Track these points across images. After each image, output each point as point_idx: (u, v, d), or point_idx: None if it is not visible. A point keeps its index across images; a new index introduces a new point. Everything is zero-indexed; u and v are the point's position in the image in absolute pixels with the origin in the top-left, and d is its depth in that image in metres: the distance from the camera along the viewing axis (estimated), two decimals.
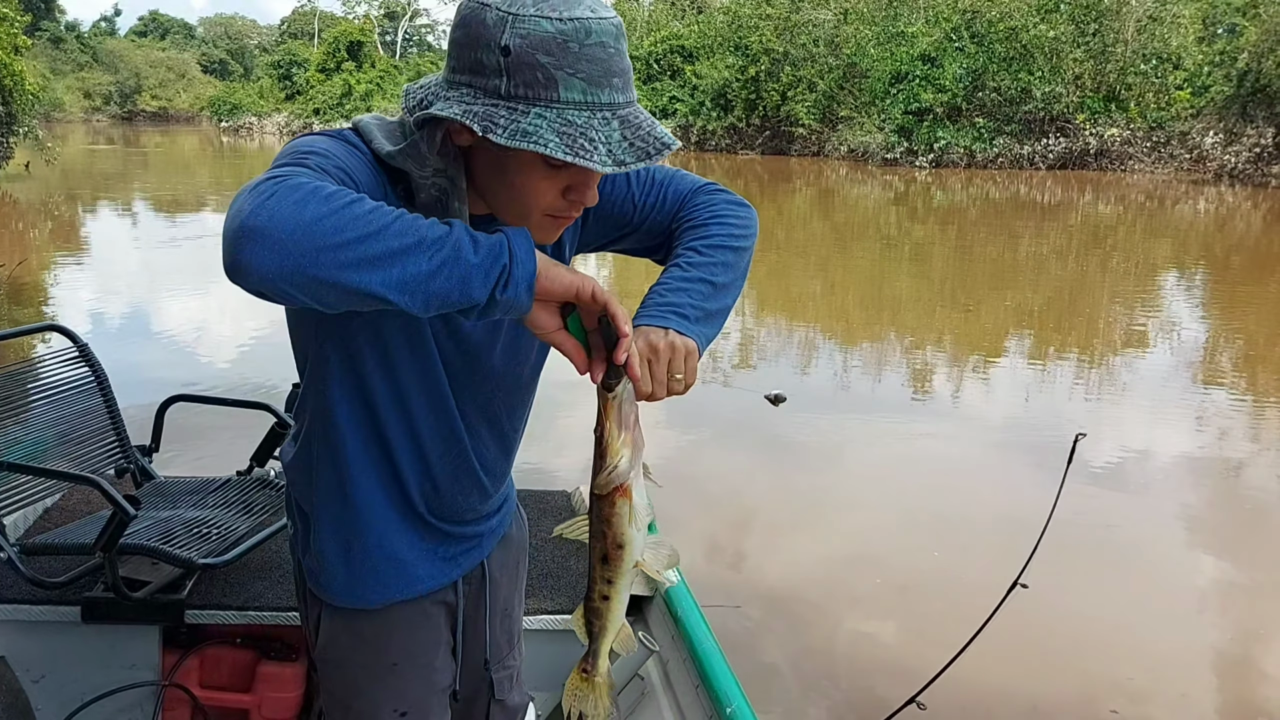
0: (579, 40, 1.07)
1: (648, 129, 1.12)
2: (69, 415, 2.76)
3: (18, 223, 16.56)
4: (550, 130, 1.07)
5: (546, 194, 1.17)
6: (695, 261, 1.35)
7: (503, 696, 1.77)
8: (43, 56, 62.39)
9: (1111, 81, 30.18)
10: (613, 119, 1.10)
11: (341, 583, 1.49)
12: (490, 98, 1.10)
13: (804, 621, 4.06)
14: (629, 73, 1.13)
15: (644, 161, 1.09)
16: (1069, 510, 5.20)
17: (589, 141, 1.07)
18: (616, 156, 1.08)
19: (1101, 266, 14.08)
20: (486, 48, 1.08)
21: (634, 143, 1.10)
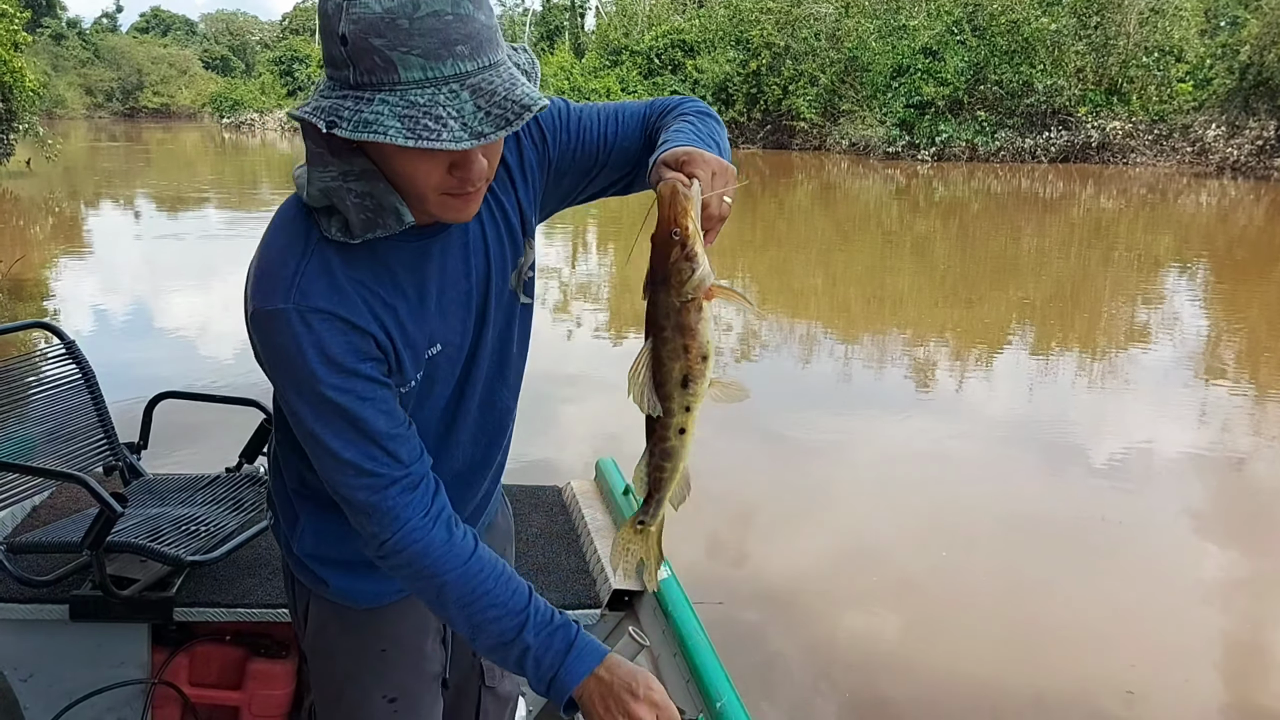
0: (408, 15, 1.02)
1: (505, 92, 1.05)
2: (56, 413, 2.75)
3: (18, 220, 16.56)
4: (392, 116, 1.03)
5: (431, 175, 1.12)
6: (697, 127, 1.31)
7: (493, 684, 1.79)
8: (44, 53, 62.42)
9: (1113, 74, 30.11)
10: (461, 90, 1.04)
11: (333, 587, 1.50)
12: (342, 89, 1.07)
13: (805, 617, 4.04)
14: (480, 35, 1.06)
15: (505, 129, 1.04)
16: (1074, 504, 5.21)
17: (434, 120, 1.03)
18: (472, 129, 1.04)
19: (1104, 260, 14.04)
20: (330, 38, 1.06)
21: (490, 111, 1.04)
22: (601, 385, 7.44)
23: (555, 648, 1.25)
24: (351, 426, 1.20)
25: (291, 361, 1.17)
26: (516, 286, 1.41)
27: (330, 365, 1.17)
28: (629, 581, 2.61)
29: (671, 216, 1.07)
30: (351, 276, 1.19)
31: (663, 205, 1.08)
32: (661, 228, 1.08)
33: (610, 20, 46.63)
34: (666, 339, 1.10)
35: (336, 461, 1.22)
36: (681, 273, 1.07)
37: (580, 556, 2.82)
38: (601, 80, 40.26)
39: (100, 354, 3.12)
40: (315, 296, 1.16)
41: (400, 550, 1.24)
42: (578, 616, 2.58)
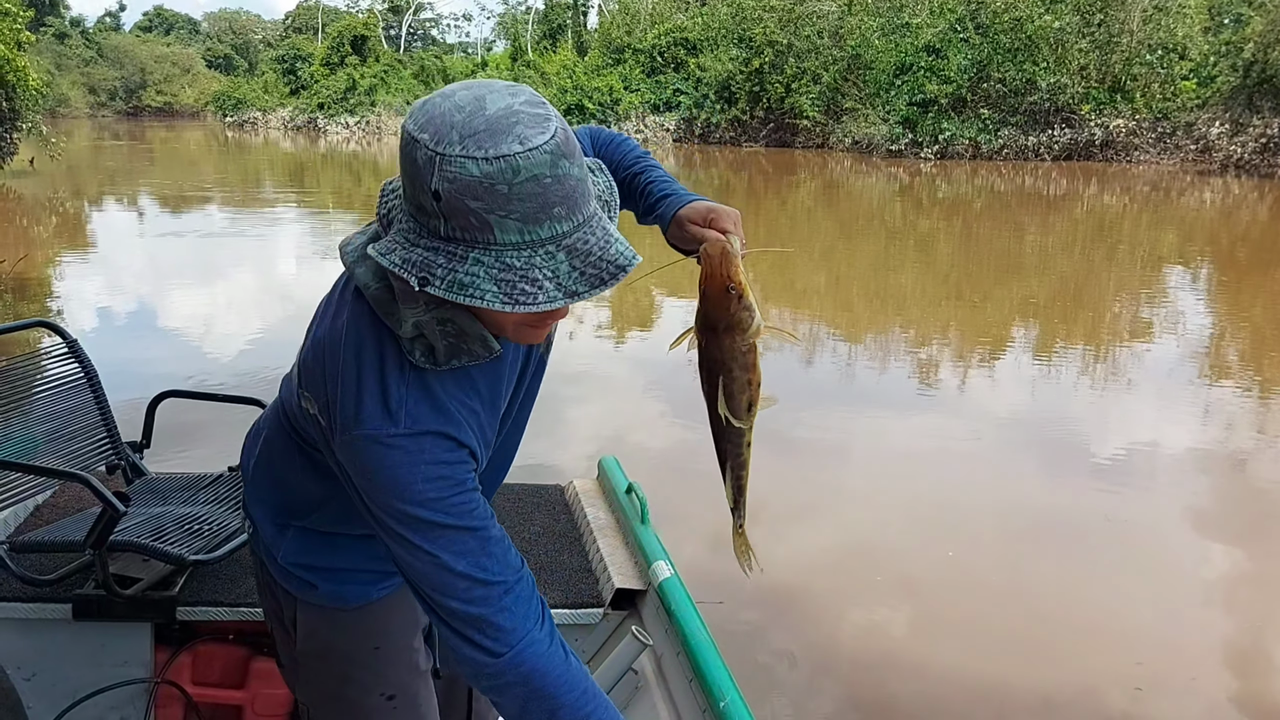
0: (507, 181, 1.00)
1: (599, 253, 1.06)
2: (59, 412, 2.75)
3: (21, 219, 16.58)
4: (488, 278, 1.04)
5: (511, 318, 1.15)
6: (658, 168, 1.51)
7: None
8: (47, 52, 62.50)
9: (1117, 72, 30.06)
10: (557, 251, 1.05)
11: (322, 589, 1.51)
12: (433, 238, 1.06)
13: (809, 616, 4.04)
14: (575, 193, 1.05)
15: (600, 288, 1.06)
16: (1079, 502, 5.21)
17: (530, 283, 1.04)
18: (567, 288, 1.05)
19: (1108, 258, 14.02)
20: (421, 189, 1.04)
21: (585, 271, 1.06)
22: (604, 384, 7.43)
23: None
24: (462, 538, 1.20)
25: (405, 484, 1.17)
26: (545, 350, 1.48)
27: (444, 482, 1.19)
28: (632, 580, 2.61)
29: (726, 274, 1.26)
30: (447, 393, 1.22)
31: (713, 263, 1.26)
32: (715, 283, 1.26)
33: (613, 18, 46.59)
34: (735, 376, 1.31)
35: (451, 574, 1.20)
36: (743, 322, 1.27)
37: (583, 555, 2.81)
38: (604, 78, 40.24)
39: (103, 352, 3.13)
40: (425, 419, 1.18)
41: (518, 665, 1.22)
42: (580, 616, 2.58)
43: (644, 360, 8.34)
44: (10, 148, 19.33)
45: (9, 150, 19.35)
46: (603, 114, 39.64)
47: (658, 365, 8.02)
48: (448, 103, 1.04)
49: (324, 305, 1.33)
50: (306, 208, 19.65)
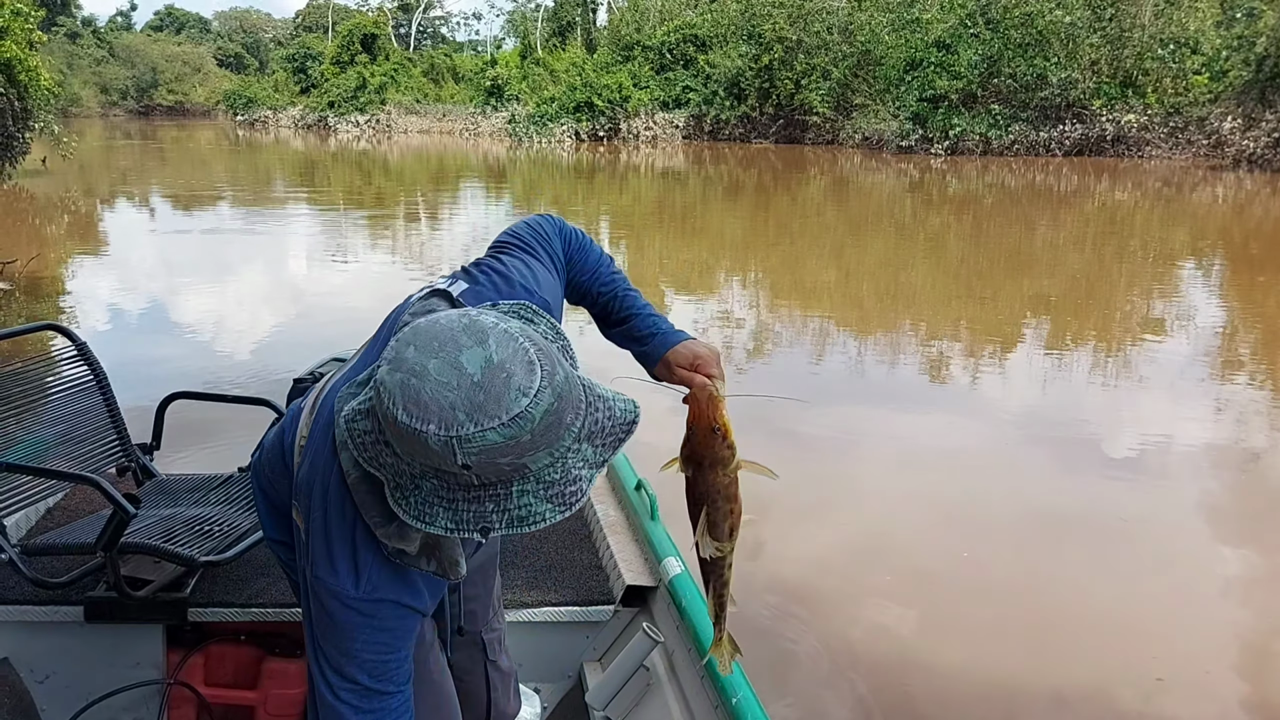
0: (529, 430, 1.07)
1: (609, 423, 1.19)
2: (69, 414, 2.76)
3: (34, 218, 16.65)
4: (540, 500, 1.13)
5: None
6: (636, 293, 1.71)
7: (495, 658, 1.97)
8: (59, 52, 62.74)
9: (1128, 67, 29.90)
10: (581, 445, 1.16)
11: None
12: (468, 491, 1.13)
13: (820, 613, 4.03)
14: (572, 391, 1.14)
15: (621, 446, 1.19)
16: (1091, 499, 5.18)
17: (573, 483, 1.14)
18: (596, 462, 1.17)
19: (1119, 254, 13.95)
20: (446, 463, 1.08)
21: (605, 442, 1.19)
22: (613, 380, 7.43)
23: None
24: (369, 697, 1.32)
25: (347, 640, 1.29)
26: None
27: (383, 647, 1.31)
28: (643, 576, 2.61)
29: (712, 417, 1.44)
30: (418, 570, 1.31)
31: (700, 406, 1.45)
32: (703, 423, 1.44)
33: (622, 15, 46.54)
34: (719, 506, 1.49)
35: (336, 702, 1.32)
36: (726, 459, 1.46)
37: (593, 553, 2.82)
38: (613, 75, 40.19)
39: (113, 352, 3.14)
40: (385, 589, 1.27)
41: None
42: (591, 613, 2.58)
43: None
44: (23, 147, 19.39)
45: (21, 150, 19.42)
46: (612, 111, 39.60)
47: None
48: (429, 383, 1.05)
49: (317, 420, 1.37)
50: (317, 206, 19.69)
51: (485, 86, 46.46)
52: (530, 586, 2.61)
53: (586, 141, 39.34)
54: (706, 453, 1.44)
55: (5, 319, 8.65)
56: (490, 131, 43.67)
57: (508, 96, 44.44)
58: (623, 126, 39.92)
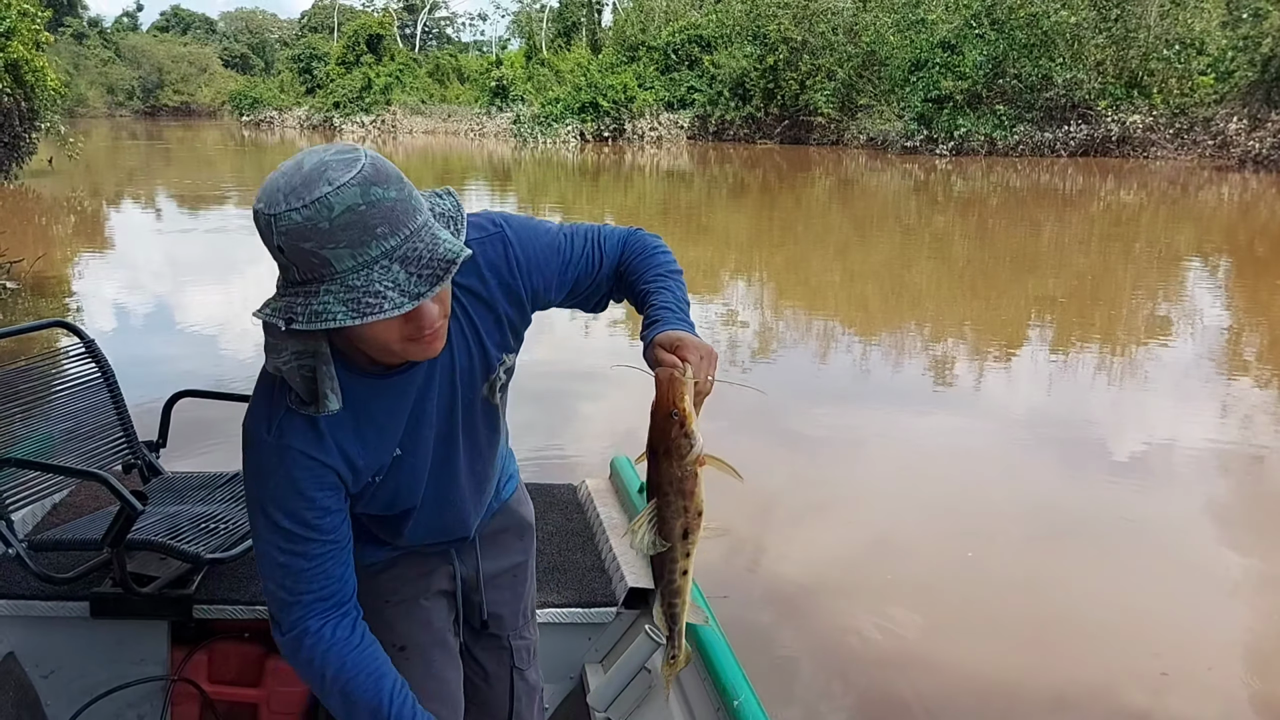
0: (327, 218, 1.16)
1: (429, 255, 1.20)
2: (76, 411, 2.78)
3: (40, 217, 16.71)
4: (337, 302, 1.18)
5: (390, 332, 1.27)
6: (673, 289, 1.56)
7: (523, 666, 1.94)
8: (65, 52, 62.88)
9: (1134, 67, 29.85)
10: (391, 264, 1.19)
11: None
12: (292, 287, 1.22)
13: (823, 615, 4.04)
14: (395, 211, 1.19)
15: (437, 285, 1.19)
16: (1095, 500, 5.18)
17: (374, 296, 1.18)
18: (410, 292, 1.18)
19: (1124, 255, 13.94)
20: (272, 248, 1.21)
21: (420, 273, 1.19)
22: (617, 382, 7.44)
23: None
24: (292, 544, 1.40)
25: (263, 479, 1.39)
26: (489, 395, 1.58)
27: (293, 480, 1.38)
28: (641, 579, 2.62)
29: (671, 399, 1.26)
30: (329, 428, 1.39)
31: (661, 388, 1.27)
32: (661, 407, 1.27)
33: (627, 15, 46.55)
34: (670, 500, 1.30)
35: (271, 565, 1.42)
36: (681, 448, 1.27)
37: (596, 555, 2.82)
38: (619, 76, 40.21)
39: (119, 350, 3.15)
40: (291, 436, 1.37)
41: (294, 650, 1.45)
42: (594, 615, 2.59)
43: None
44: (29, 147, 19.45)
45: (28, 150, 19.48)
46: (617, 111, 39.62)
47: None
48: (276, 173, 1.20)
49: None
50: None
51: (490, 87, 46.52)
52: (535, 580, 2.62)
53: (591, 142, 39.37)
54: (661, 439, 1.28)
55: (12, 318, 8.69)
56: (495, 132, 43.72)
57: (513, 97, 44.48)
58: (628, 127, 39.94)
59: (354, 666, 1.44)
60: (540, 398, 6.56)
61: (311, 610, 1.43)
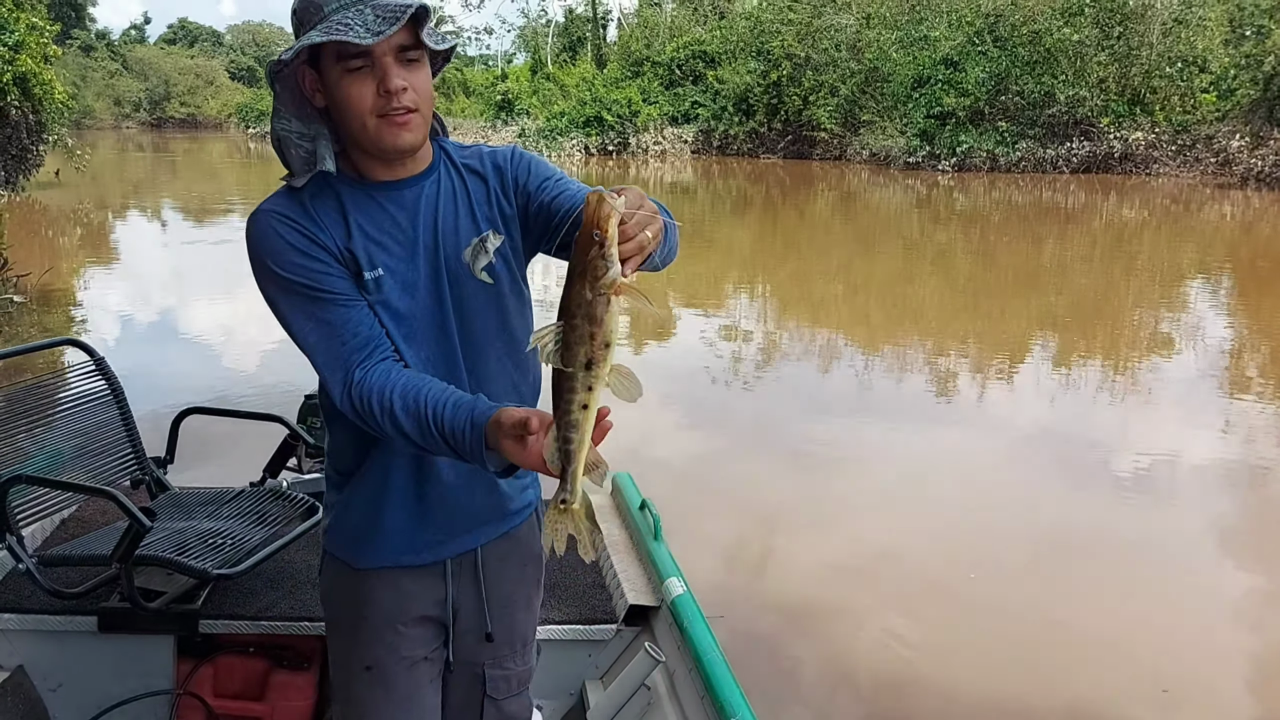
0: None
1: (395, 5, 1.42)
2: (86, 428, 2.81)
3: (47, 229, 16.79)
4: (319, 34, 1.42)
5: (365, 96, 1.47)
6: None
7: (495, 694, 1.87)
8: (73, 64, 63.12)
9: (1136, 85, 29.90)
10: (365, 8, 1.43)
11: (336, 536, 1.73)
12: (297, 43, 1.47)
13: (823, 631, 4.05)
14: None
15: (394, 24, 1.40)
16: (1098, 517, 5.20)
17: (343, 26, 1.41)
18: (372, 29, 1.40)
19: (1127, 271, 13.97)
20: (291, 13, 1.51)
21: (384, 16, 1.42)
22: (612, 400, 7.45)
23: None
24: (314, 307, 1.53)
25: (260, 249, 1.53)
26: (471, 260, 1.62)
27: (283, 244, 1.51)
28: (644, 595, 2.64)
29: (595, 219, 1.18)
30: (312, 203, 1.55)
31: (589, 209, 1.20)
32: (585, 229, 1.20)
33: (632, 31, 46.70)
34: (576, 325, 1.22)
35: (309, 339, 1.55)
36: (597, 269, 1.19)
37: (597, 572, 2.85)
38: (623, 90, 40.32)
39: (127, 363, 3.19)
40: (278, 204, 1.54)
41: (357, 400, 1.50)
42: (594, 632, 2.62)
43: (659, 372, 8.38)
44: (36, 160, 19.50)
45: (35, 162, 19.53)
46: (621, 126, 39.72)
47: (673, 378, 8.06)
48: None
49: None
50: None
51: (496, 101, 46.61)
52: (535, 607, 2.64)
53: (596, 155, 39.47)
54: (580, 260, 1.21)
55: (19, 331, 8.73)
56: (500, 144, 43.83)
57: (518, 111, 44.58)
58: (632, 141, 40.02)
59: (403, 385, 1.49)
60: None
61: (353, 361, 1.51)
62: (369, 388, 1.49)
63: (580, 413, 1.28)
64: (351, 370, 1.51)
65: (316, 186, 1.57)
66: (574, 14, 52.05)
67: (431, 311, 1.60)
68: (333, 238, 1.54)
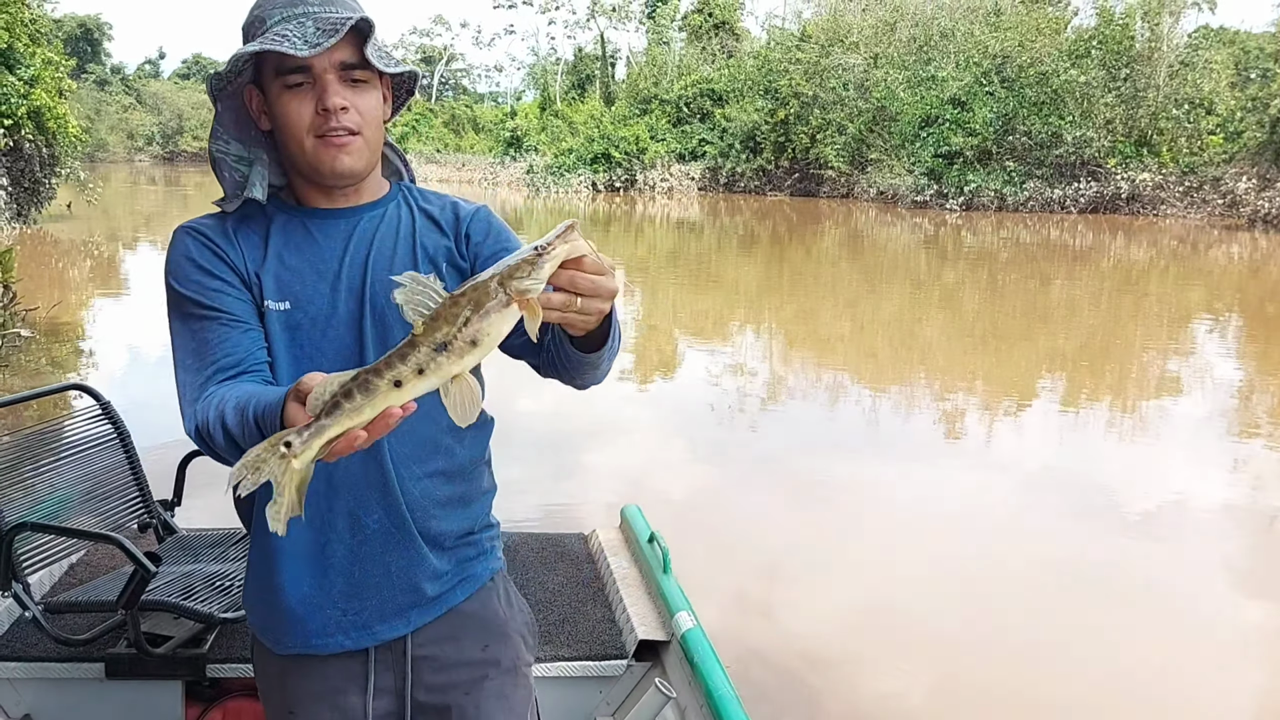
0: None
1: (336, 18, 1.36)
2: (93, 472, 2.80)
3: (57, 262, 16.89)
4: (256, 44, 1.36)
5: (303, 115, 1.39)
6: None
7: None
8: (88, 98, 63.86)
9: (1143, 126, 30.10)
10: (306, 21, 1.37)
11: (254, 619, 1.56)
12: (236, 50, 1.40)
13: (829, 677, 4.00)
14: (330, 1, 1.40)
15: (333, 36, 1.33)
16: (1107, 559, 5.15)
17: (281, 38, 1.35)
18: (310, 41, 1.34)
19: (1134, 312, 13.96)
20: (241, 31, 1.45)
21: (323, 28, 1.35)
22: (626, 429, 7.45)
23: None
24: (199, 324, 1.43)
25: (168, 263, 1.47)
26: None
27: (185, 260, 1.45)
28: (655, 630, 2.61)
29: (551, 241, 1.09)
30: (236, 225, 1.49)
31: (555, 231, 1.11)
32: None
33: (640, 69, 47.19)
34: (458, 303, 1.06)
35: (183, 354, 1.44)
36: (519, 270, 1.07)
37: (606, 607, 2.83)
38: (630, 128, 40.65)
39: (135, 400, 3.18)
40: (200, 222, 1.49)
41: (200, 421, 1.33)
42: (605, 668, 2.59)
43: (667, 405, 8.36)
44: (49, 192, 19.70)
45: (48, 195, 19.73)
46: (629, 162, 40.00)
47: (681, 411, 8.04)
48: None
49: None
50: None
51: (505, 137, 47.05)
52: (543, 641, 2.62)
53: (603, 192, 39.72)
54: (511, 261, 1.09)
55: (27, 365, 8.75)
56: (508, 181, 44.15)
57: (526, 147, 44.96)
58: (639, 178, 40.30)
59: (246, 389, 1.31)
60: (548, 447, 6.58)
61: (212, 380, 1.36)
62: (211, 400, 1.31)
63: (386, 383, 1.05)
64: (206, 387, 1.35)
65: (249, 209, 1.50)
66: (583, 52, 52.62)
67: (347, 350, 1.45)
68: (244, 260, 1.45)
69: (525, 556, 3.13)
